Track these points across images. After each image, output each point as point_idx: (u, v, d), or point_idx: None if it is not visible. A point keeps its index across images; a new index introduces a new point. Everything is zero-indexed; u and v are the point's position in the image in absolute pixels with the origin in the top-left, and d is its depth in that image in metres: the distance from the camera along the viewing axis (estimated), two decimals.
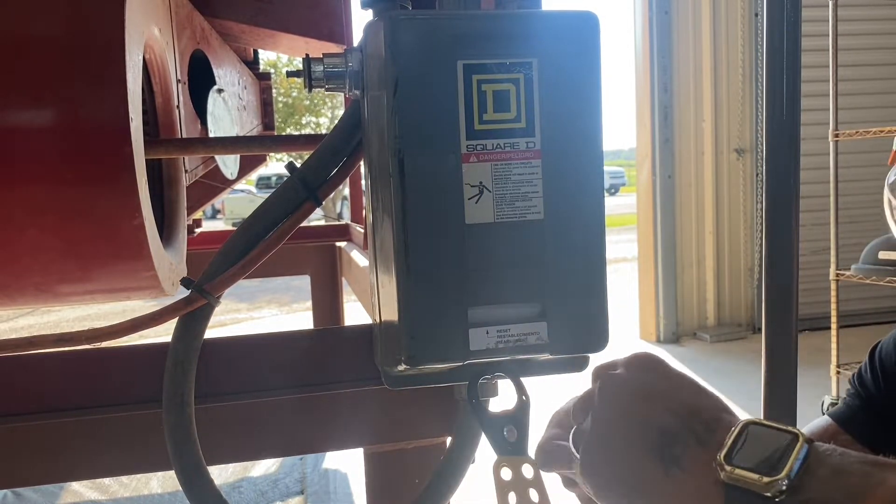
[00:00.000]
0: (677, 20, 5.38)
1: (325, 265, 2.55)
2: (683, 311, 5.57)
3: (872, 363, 0.90)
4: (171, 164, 1.25)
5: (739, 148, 5.50)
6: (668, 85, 5.40)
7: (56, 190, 0.84)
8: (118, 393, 0.73)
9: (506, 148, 0.58)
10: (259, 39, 2.00)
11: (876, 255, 3.40)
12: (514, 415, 0.65)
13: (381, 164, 0.60)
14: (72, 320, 7.61)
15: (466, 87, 0.57)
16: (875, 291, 4.13)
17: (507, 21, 0.58)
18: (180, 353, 0.68)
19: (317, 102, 17.79)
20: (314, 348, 0.77)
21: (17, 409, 0.71)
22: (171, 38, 1.22)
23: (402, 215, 0.57)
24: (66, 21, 0.85)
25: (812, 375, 3.96)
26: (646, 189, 5.57)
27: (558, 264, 0.59)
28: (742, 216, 5.59)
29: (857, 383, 0.91)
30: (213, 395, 0.73)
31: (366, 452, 0.79)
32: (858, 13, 5.28)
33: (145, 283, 0.95)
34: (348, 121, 0.71)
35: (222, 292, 0.69)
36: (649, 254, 5.59)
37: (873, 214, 5.49)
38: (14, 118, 0.82)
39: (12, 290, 0.92)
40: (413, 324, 0.58)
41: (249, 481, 3.13)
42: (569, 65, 0.59)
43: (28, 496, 2.96)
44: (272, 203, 0.71)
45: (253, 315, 7.61)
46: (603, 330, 0.62)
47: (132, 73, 0.85)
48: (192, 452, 0.68)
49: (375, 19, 0.61)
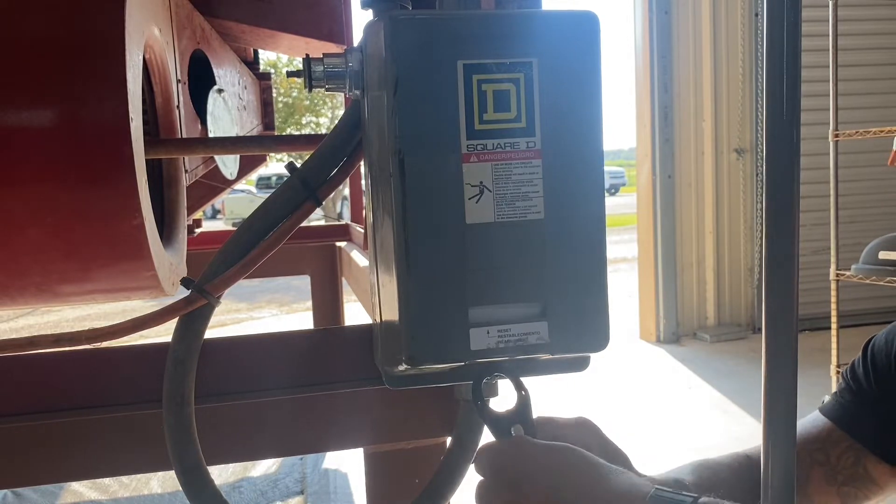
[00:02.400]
0: (677, 20, 5.38)
1: (325, 265, 2.55)
2: (683, 311, 5.57)
3: (865, 358, 0.90)
4: (171, 164, 1.25)
5: (739, 148, 5.50)
6: (668, 85, 5.40)
7: (56, 190, 0.84)
8: (118, 393, 0.73)
9: (506, 148, 0.58)
10: (259, 39, 2.00)
11: (876, 255, 3.40)
12: (518, 412, 0.65)
13: (381, 164, 0.60)
14: (72, 320, 7.61)
15: (467, 87, 0.57)
16: (875, 291, 4.13)
17: (507, 21, 0.58)
18: (180, 353, 0.68)
19: (317, 102, 17.79)
20: (314, 348, 0.77)
21: (17, 409, 0.71)
22: (171, 38, 1.22)
23: (402, 215, 0.57)
24: (66, 21, 0.85)
25: (812, 375, 3.96)
26: (646, 189, 5.57)
27: (559, 264, 0.59)
28: (742, 216, 5.59)
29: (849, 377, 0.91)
30: (213, 395, 0.73)
31: (366, 452, 0.79)
32: (858, 13, 5.28)
33: (145, 283, 0.95)
34: (348, 121, 0.71)
35: (222, 292, 0.69)
36: (649, 254, 5.59)
37: (873, 214, 5.51)
38: (14, 118, 0.82)
39: (13, 291, 0.92)
40: (414, 324, 0.58)
41: (249, 481, 3.13)
42: (569, 65, 0.59)
43: (28, 496, 2.95)
44: (272, 203, 0.71)
45: (253, 315, 7.61)
46: (603, 329, 0.62)
47: (132, 73, 0.85)
48: (192, 452, 0.68)
49: (375, 19, 0.61)
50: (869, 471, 0.86)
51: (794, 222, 0.61)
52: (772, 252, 0.61)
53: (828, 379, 3.71)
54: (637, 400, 4.06)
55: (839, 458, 0.87)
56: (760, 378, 0.63)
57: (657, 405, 4.03)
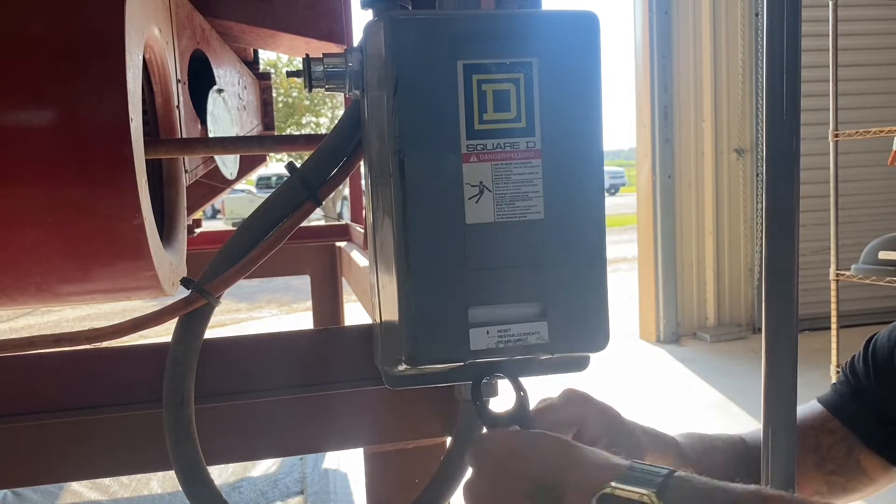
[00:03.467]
0: (677, 20, 5.38)
1: (325, 265, 2.55)
2: (683, 311, 5.57)
3: (866, 354, 0.90)
4: (171, 164, 1.25)
5: (739, 148, 5.50)
6: (668, 85, 5.41)
7: (56, 190, 0.84)
8: (118, 393, 0.73)
9: (506, 148, 0.58)
10: (259, 39, 2.00)
11: (876, 255, 3.40)
12: (517, 413, 0.65)
13: (381, 164, 0.60)
14: (72, 320, 7.61)
15: (466, 87, 0.57)
16: (875, 291, 4.13)
17: (507, 21, 0.58)
18: (180, 353, 0.68)
19: (317, 102, 17.79)
20: (314, 348, 0.77)
21: (17, 409, 0.71)
22: (171, 38, 1.22)
23: (402, 215, 0.57)
24: (66, 21, 0.84)
25: (812, 375, 3.95)
26: (646, 189, 5.58)
27: (558, 264, 0.59)
28: (742, 216, 5.59)
29: (848, 371, 0.92)
30: (213, 395, 0.73)
31: (366, 452, 0.79)
32: (858, 13, 5.28)
33: (145, 283, 0.95)
34: (348, 121, 0.71)
35: (222, 292, 0.69)
36: (649, 254, 5.59)
37: (873, 214, 5.51)
38: (14, 118, 0.82)
39: (13, 290, 0.92)
40: (414, 324, 0.58)
41: (249, 481, 3.13)
42: (569, 65, 0.59)
43: (28, 496, 2.95)
44: (272, 203, 0.71)
45: (253, 315, 7.61)
46: (603, 329, 0.62)
47: (132, 73, 0.85)
48: (192, 452, 0.68)
49: (375, 19, 0.61)
50: (861, 463, 0.87)
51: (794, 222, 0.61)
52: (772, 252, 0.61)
53: (828, 379, 3.71)
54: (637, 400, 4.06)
55: (831, 448, 0.88)
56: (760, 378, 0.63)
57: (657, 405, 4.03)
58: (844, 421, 0.88)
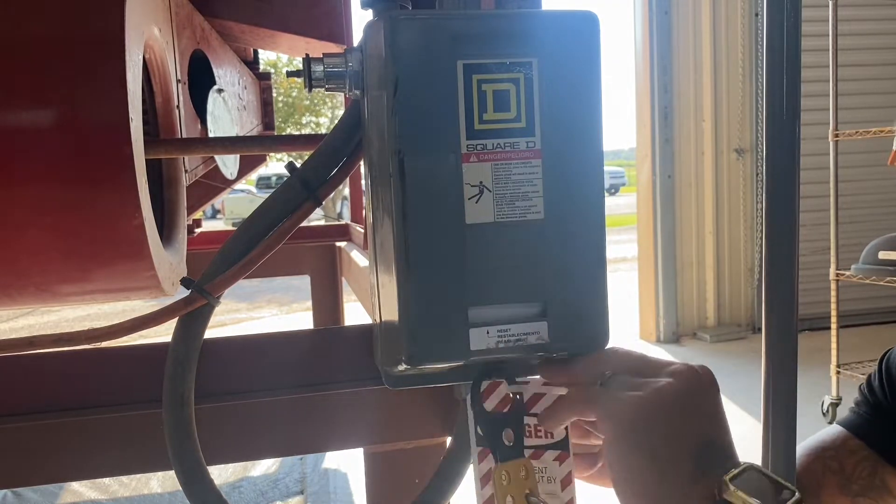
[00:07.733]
0: (677, 20, 5.38)
1: (325, 265, 2.55)
2: (683, 311, 5.58)
3: (881, 372, 0.89)
4: (171, 164, 1.25)
5: (739, 148, 5.51)
6: (668, 85, 5.41)
7: (56, 190, 0.84)
8: (118, 393, 0.73)
9: (506, 148, 0.58)
10: (259, 39, 2.00)
11: (876, 255, 3.40)
12: (510, 416, 0.64)
13: (381, 164, 0.60)
14: (72, 320, 7.61)
15: (466, 87, 0.57)
16: (875, 291, 4.13)
17: (507, 21, 0.58)
18: (180, 353, 0.68)
19: (317, 102, 17.80)
20: (314, 348, 0.77)
21: (17, 409, 0.71)
22: (171, 38, 1.22)
23: (402, 215, 0.57)
24: (65, 21, 0.85)
25: (812, 375, 3.96)
26: (646, 189, 5.58)
27: (558, 264, 0.59)
28: (742, 216, 5.60)
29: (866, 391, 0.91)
30: (213, 395, 0.73)
31: (366, 452, 0.79)
32: (858, 13, 5.28)
33: (145, 283, 0.95)
34: (348, 121, 0.71)
35: (222, 292, 0.69)
36: (649, 254, 5.59)
37: (873, 214, 5.51)
38: (14, 118, 0.82)
39: (12, 291, 0.92)
40: (413, 323, 0.58)
41: (249, 481, 3.13)
42: (569, 65, 0.59)
43: (28, 496, 2.96)
44: (272, 203, 0.71)
45: (253, 315, 7.61)
46: (603, 329, 0.62)
47: (132, 73, 0.85)
48: (192, 452, 0.68)
49: (375, 19, 0.61)
50: (886, 482, 0.85)
51: (794, 222, 0.61)
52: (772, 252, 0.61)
53: (828, 379, 3.71)
54: None
55: (855, 468, 0.86)
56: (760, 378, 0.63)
57: None
58: (866, 440, 0.87)
